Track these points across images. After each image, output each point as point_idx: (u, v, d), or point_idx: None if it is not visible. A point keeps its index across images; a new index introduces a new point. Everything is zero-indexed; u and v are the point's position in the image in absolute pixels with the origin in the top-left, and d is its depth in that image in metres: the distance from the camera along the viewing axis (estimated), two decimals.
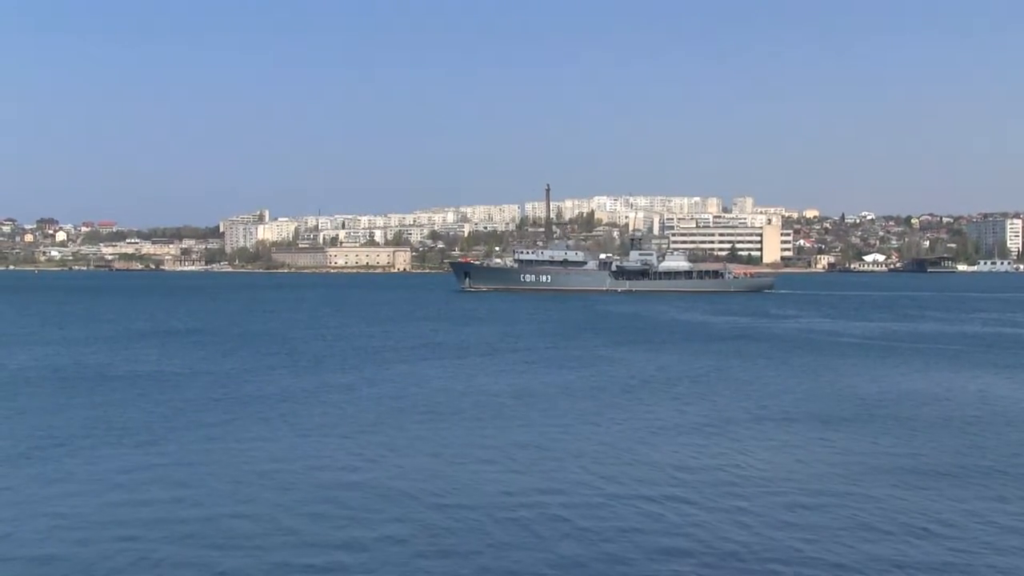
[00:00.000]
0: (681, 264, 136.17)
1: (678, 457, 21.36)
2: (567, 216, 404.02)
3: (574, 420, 26.39)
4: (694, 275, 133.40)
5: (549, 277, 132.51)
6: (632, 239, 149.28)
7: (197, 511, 16.84)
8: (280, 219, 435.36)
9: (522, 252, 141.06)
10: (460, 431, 24.54)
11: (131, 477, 19.29)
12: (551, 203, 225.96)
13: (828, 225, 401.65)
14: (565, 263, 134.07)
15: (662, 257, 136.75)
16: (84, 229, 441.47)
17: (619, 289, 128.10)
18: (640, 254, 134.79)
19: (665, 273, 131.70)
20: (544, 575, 13.79)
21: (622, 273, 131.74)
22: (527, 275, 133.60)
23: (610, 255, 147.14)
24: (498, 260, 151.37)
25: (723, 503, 17.37)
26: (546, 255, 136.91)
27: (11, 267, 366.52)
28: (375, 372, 37.77)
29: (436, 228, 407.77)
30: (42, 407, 28.38)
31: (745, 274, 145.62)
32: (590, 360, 42.80)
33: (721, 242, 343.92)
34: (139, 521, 16.20)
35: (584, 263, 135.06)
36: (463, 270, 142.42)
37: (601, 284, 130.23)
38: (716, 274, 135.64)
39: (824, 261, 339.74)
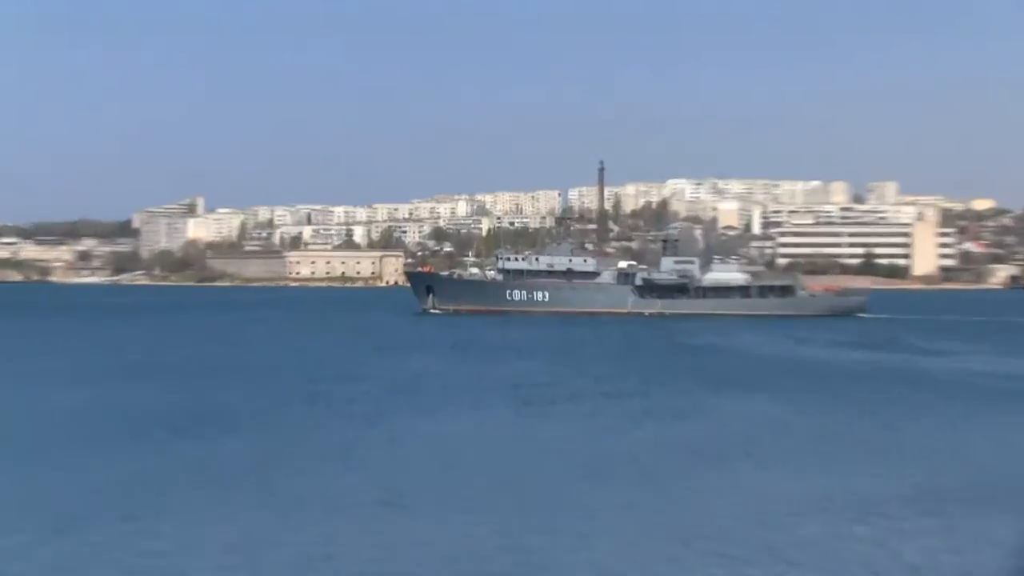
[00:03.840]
0: (733, 276, 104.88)
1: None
2: (629, 207, 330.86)
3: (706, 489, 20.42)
4: (752, 292, 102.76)
5: (546, 294, 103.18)
6: (665, 241, 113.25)
7: None
8: (219, 210, 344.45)
9: (508, 258, 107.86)
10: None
11: None
12: (605, 189, 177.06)
13: (1009, 221, 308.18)
14: (569, 274, 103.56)
15: (707, 266, 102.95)
16: None
17: (647, 311, 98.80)
18: (676, 262, 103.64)
19: (712, 289, 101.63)
20: None
21: (650, 288, 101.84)
22: (515, 291, 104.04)
23: (633, 263, 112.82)
24: (474, 270, 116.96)
25: None
26: (543, 263, 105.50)
27: None
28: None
29: (442, 224, 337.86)
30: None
31: (827, 290, 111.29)
32: (690, 410, 33.29)
33: (851, 245, 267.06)
34: None
35: (596, 274, 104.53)
36: (424, 284, 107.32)
37: (621, 304, 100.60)
38: (785, 290, 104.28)
39: (1004, 273, 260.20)
